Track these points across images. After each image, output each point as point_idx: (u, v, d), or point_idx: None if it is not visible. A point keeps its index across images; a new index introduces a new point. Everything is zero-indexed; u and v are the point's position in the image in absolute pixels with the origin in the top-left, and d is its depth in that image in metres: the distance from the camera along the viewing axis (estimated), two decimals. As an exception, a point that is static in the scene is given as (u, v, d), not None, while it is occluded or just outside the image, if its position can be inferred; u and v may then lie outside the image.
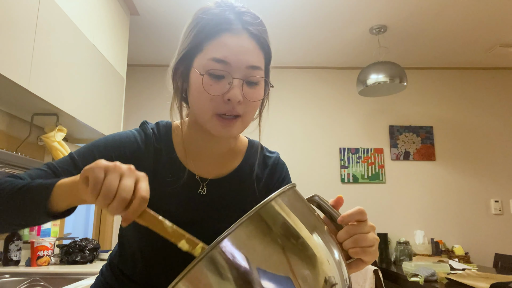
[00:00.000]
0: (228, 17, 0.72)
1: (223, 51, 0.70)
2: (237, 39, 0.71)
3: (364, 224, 0.58)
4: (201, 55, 0.72)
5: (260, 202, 0.48)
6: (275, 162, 0.87)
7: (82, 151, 0.75)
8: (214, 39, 0.71)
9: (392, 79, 2.89)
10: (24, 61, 1.45)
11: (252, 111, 0.75)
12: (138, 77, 3.67)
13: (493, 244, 3.48)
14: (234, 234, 0.44)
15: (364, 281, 2.49)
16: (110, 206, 0.49)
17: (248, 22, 0.73)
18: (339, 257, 0.53)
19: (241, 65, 0.70)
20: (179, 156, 0.80)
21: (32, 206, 0.60)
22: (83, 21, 1.95)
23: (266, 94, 0.80)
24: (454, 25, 2.99)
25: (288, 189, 0.53)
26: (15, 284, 1.61)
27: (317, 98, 3.75)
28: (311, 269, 0.47)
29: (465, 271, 2.35)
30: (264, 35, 0.75)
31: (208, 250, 0.43)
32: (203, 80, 0.70)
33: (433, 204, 3.58)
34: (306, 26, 3.00)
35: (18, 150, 1.90)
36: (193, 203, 0.78)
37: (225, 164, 0.83)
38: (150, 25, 2.98)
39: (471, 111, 3.78)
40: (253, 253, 0.44)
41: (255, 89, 0.72)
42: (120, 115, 2.49)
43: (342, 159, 3.62)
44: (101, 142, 0.77)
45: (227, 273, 0.43)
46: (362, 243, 0.57)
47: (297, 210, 0.51)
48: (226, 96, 0.69)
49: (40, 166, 0.72)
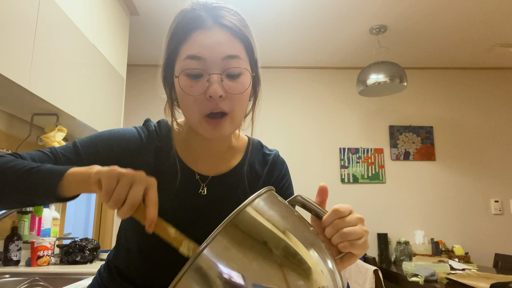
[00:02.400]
0: (199, 15, 0.71)
1: (195, 48, 0.69)
2: (209, 34, 0.69)
3: (350, 218, 0.58)
4: (178, 59, 0.71)
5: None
6: (274, 159, 0.87)
7: (86, 141, 0.75)
8: (186, 39, 0.70)
9: (392, 79, 2.89)
10: (24, 61, 1.45)
11: (239, 106, 0.72)
12: (138, 77, 3.67)
13: (493, 244, 3.48)
14: (211, 246, 0.44)
15: (364, 281, 2.49)
16: (120, 210, 0.54)
17: (220, 15, 0.71)
18: (323, 256, 0.51)
19: (216, 58, 0.68)
20: (180, 155, 0.80)
21: (42, 189, 0.61)
22: (83, 21, 1.95)
23: (256, 87, 0.78)
24: (454, 25, 2.99)
25: (264, 193, 0.52)
26: (15, 284, 1.61)
27: (317, 98, 3.75)
28: (302, 277, 0.45)
29: (465, 271, 2.36)
30: (240, 24, 0.73)
31: (187, 266, 0.43)
32: (181, 82, 0.69)
33: (433, 204, 3.58)
34: (306, 26, 3.00)
35: (18, 150, 1.90)
36: (193, 202, 0.78)
37: (225, 162, 0.83)
38: (150, 25, 2.98)
39: (471, 111, 3.78)
40: (233, 263, 0.43)
41: (237, 81, 0.70)
42: (120, 115, 2.49)
43: (342, 159, 3.62)
44: (105, 134, 0.77)
45: (212, 281, 0.42)
46: (350, 237, 0.56)
47: (275, 213, 0.50)
48: (207, 94, 0.68)
49: (43, 149, 0.73)
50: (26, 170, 0.62)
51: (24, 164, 0.64)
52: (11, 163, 0.64)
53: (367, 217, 3.45)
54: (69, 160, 0.72)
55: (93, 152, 0.74)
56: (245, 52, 0.73)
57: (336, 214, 0.57)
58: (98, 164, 0.67)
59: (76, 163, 0.72)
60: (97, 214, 3.27)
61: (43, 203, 0.64)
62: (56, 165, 0.68)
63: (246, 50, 0.73)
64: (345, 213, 0.58)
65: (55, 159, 0.71)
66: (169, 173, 0.77)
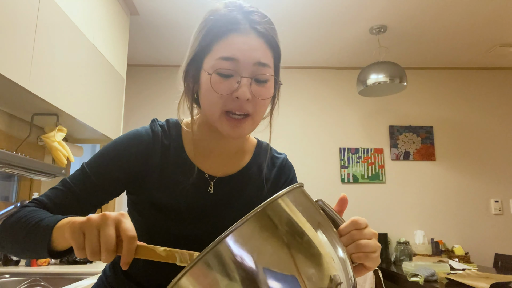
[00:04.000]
0: (235, 17, 0.73)
1: (230, 49, 0.70)
2: (245, 38, 0.72)
3: (366, 231, 0.59)
4: (210, 56, 0.73)
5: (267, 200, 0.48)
6: (283, 163, 0.88)
7: (93, 162, 0.77)
8: (222, 39, 0.72)
9: (392, 79, 2.89)
10: (24, 61, 1.45)
11: (262, 110, 0.75)
12: (138, 77, 3.67)
13: (493, 244, 3.48)
14: (239, 230, 0.44)
15: (364, 281, 2.49)
16: (102, 259, 0.51)
17: (256, 21, 0.74)
18: (345, 256, 0.53)
19: (248, 62, 0.70)
20: (189, 154, 0.80)
21: (37, 245, 0.63)
22: (83, 21, 1.95)
23: (277, 93, 0.81)
24: (454, 25, 2.99)
25: (296, 188, 0.53)
26: (15, 284, 1.61)
27: (317, 98, 3.75)
28: (316, 268, 0.47)
29: (465, 271, 2.35)
30: (272, 33, 0.76)
31: (213, 245, 0.43)
32: (212, 79, 0.71)
33: (433, 204, 3.58)
34: (306, 26, 3.00)
35: (18, 150, 1.90)
36: (202, 201, 0.79)
37: (233, 163, 0.84)
38: (150, 25, 2.98)
39: (471, 111, 3.78)
40: (257, 250, 0.44)
41: (264, 87, 0.73)
42: (120, 115, 2.49)
43: (342, 159, 3.62)
44: (110, 149, 0.79)
45: (231, 269, 0.43)
46: (365, 249, 0.57)
47: (304, 209, 0.51)
48: (234, 94, 0.70)
49: (57, 185, 0.75)
50: (30, 227, 0.65)
51: (31, 219, 0.66)
52: (23, 218, 0.67)
53: (367, 217, 3.44)
54: (82, 188, 0.74)
55: (102, 172, 0.76)
56: (273, 60, 0.76)
57: (354, 225, 0.59)
58: (110, 181, 0.74)
59: (90, 187, 0.75)
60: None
61: (44, 257, 0.65)
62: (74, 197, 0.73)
63: (274, 58, 0.77)
64: (362, 225, 0.59)
65: (69, 191, 0.74)
66: (178, 172, 0.78)
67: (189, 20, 2.87)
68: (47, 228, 0.62)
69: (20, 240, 0.66)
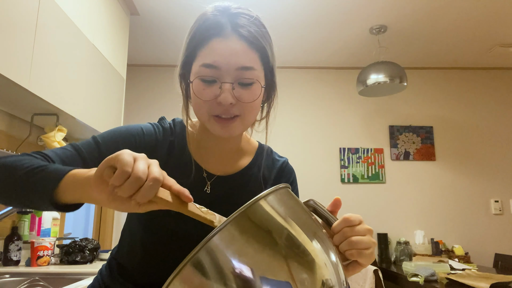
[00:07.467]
0: (219, 22, 0.73)
1: (212, 56, 0.71)
2: (226, 43, 0.71)
3: (359, 227, 0.59)
4: (195, 62, 0.74)
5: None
6: (283, 166, 0.89)
7: (105, 136, 0.77)
8: (204, 45, 0.72)
9: (392, 79, 2.89)
10: (24, 61, 1.45)
11: (251, 111, 0.75)
12: (138, 77, 3.67)
13: (493, 244, 3.48)
14: (221, 233, 0.44)
15: (364, 281, 2.49)
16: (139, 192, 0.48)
17: (239, 24, 0.73)
18: (336, 259, 0.51)
19: (230, 68, 0.70)
20: (191, 152, 0.81)
21: (39, 190, 0.59)
22: (83, 21, 1.95)
23: (271, 93, 0.81)
24: (454, 25, 2.99)
25: (280, 189, 0.52)
26: (15, 284, 1.61)
27: (317, 98, 3.75)
28: (308, 272, 0.46)
29: (465, 271, 2.35)
30: (258, 34, 0.74)
31: (195, 250, 0.43)
32: (195, 86, 0.72)
33: (433, 204, 3.58)
34: (306, 26, 3.00)
35: (18, 150, 1.90)
36: (197, 199, 0.79)
37: (233, 163, 0.84)
38: (150, 25, 2.98)
39: (471, 111, 3.78)
40: (240, 252, 0.44)
41: (249, 90, 0.72)
42: (120, 115, 2.49)
43: (342, 159, 3.62)
44: (123, 129, 0.79)
45: (215, 273, 0.43)
46: (358, 245, 0.57)
47: (289, 210, 0.50)
48: (218, 100, 0.71)
49: (65, 146, 0.73)
50: (31, 169, 0.61)
51: (33, 162, 0.62)
52: (22, 161, 0.63)
53: (367, 217, 3.45)
54: (92, 156, 0.73)
55: (113, 146, 0.75)
56: (260, 61, 0.75)
57: (346, 222, 0.58)
58: None
59: (98, 156, 0.72)
60: (97, 214, 3.27)
61: (41, 208, 0.61)
62: (80, 161, 0.70)
63: (261, 59, 0.75)
64: (355, 222, 0.59)
65: (78, 155, 0.72)
66: (180, 169, 0.79)
67: (189, 20, 2.86)
68: (56, 173, 0.58)
69: (15, 178, 0.60)
